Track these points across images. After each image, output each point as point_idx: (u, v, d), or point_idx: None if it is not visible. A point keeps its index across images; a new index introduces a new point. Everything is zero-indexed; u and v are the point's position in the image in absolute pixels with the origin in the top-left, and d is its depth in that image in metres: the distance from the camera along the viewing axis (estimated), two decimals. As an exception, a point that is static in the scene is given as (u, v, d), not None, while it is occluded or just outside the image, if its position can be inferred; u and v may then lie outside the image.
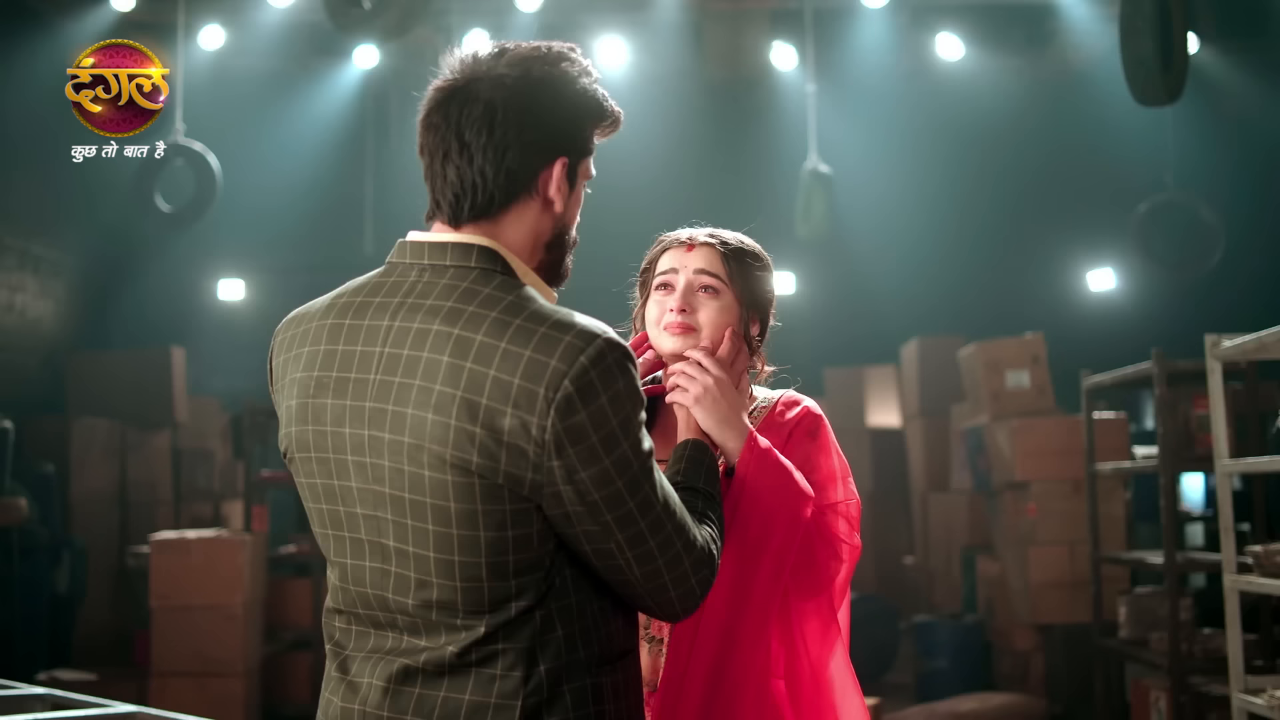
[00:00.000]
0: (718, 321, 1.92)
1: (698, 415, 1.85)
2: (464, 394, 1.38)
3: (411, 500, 1.41)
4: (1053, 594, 6.01)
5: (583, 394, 1.38)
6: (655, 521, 1.45)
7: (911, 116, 9.04)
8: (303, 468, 1.53)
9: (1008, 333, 6.79)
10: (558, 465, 1.38)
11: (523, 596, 1.43)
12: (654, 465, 1.46)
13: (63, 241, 8.29)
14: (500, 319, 1.42)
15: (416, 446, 1.40)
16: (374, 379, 1.44)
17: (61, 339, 8.19)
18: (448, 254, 1.49)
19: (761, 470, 1.83)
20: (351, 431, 1.45)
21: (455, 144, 1.49)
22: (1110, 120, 8.40)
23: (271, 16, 7.73)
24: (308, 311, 1.57)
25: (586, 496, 1.39)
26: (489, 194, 1.49)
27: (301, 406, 1.51)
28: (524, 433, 1.37)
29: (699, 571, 1.50)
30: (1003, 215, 9.24)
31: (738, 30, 8.74)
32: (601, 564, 1.46)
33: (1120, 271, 8.99)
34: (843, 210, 8.18)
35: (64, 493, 6.97)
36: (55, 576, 6.47)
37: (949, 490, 7.51)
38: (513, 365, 1.38)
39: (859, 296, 9.03)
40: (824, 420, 1.99)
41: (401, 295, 1.47)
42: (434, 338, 1.42)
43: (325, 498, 1.50)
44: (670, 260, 1.96)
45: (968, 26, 8.48)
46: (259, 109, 8.61)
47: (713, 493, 1.70)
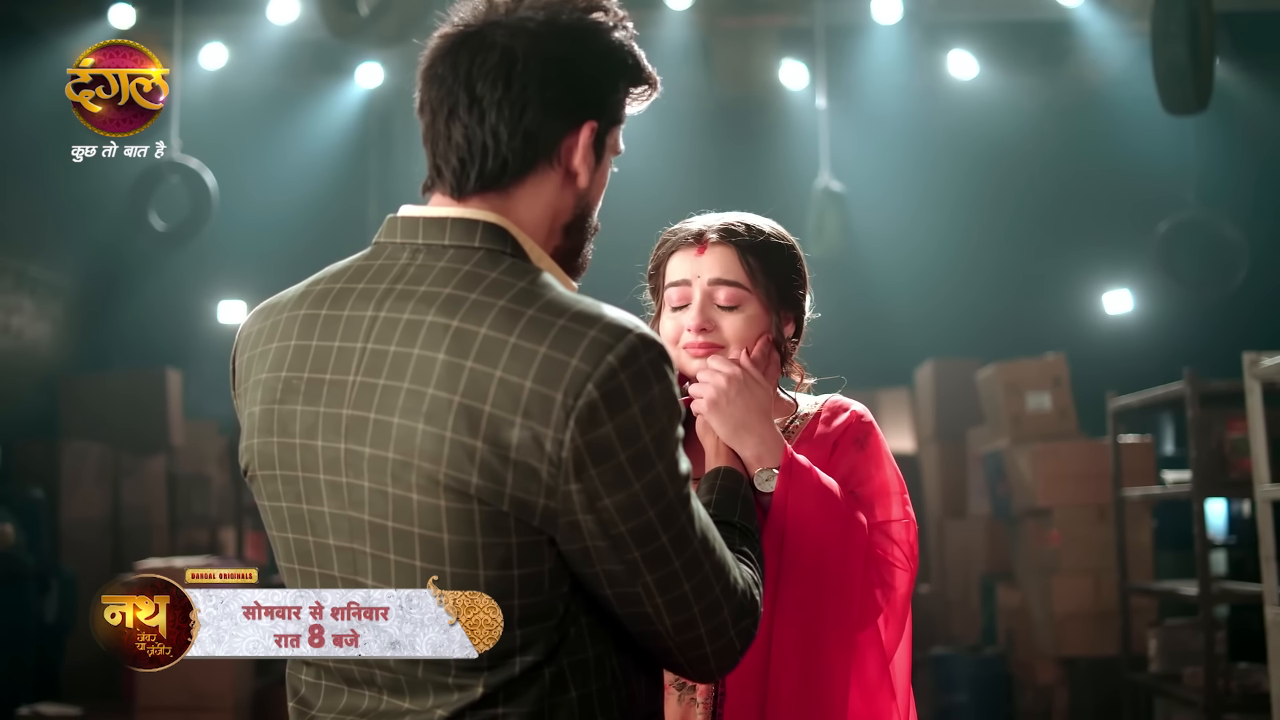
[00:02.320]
0: (746, 334, 1.65)
1: (713, 423, 1.59)
2: (463, 400, 1.12)
3: (395, 530, 1.15)
4: (1077, 625, 5.77)
5: (610, 401, 1.12)
6: (692, 561, 1.19)
7: (925, 135, 8.88)
8: (265, 488, 1.26)
9: (1024, 355, 6.59)
10: (576, 489, 1.12)
11: (529, 650, 1.16)
12: (692, 493, 1.20)
13: (60, 262, 8.13)
14: (509, 308, 1.16)
15: (403, 464, 1.14)
16: (353, 381, 1.19)
17: (58, 361, 8.01)
18: (446, 231, 1.23)
19: (803, 495, 1.56)
20: (325, 445, 1.19)
21: (464, 98, 1.23)
22: (1128, 138, 8.24)
23: (273, 34, 7.57)
24: (278, 301, 1.31)
25: (611, 529, 1.14)
26: (501, 159, 1.24)
27: (266, 414, 1.25)
28: (536, 448, 1.11)
29: (739, 621, 1.24)
30: (1019, 235, 9.06)
31: (747, 48, 8.60)
32: (625, 611, 1.19)
33: (1139, 292, 8.80)
34: (855, 229, 7.99)
35: (54, 519, 6.77)
36: (43, 606, 6.27)
37: (966, 517, 7.29)
38: (524, 365, 1.12)
39: (872, 317, 8.84)
40: (875, 427, 1.72)
41: (390, 281, 1.22)
42: (427, 331, 1.16)
43: (292, 525, 1.24)
44: (680, 267, 1.69)
45: (981, 44, 8.32)
46: (261, 127, 8.46)
47: (750, 528, 1.43)
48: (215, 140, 7.17)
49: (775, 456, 1.58)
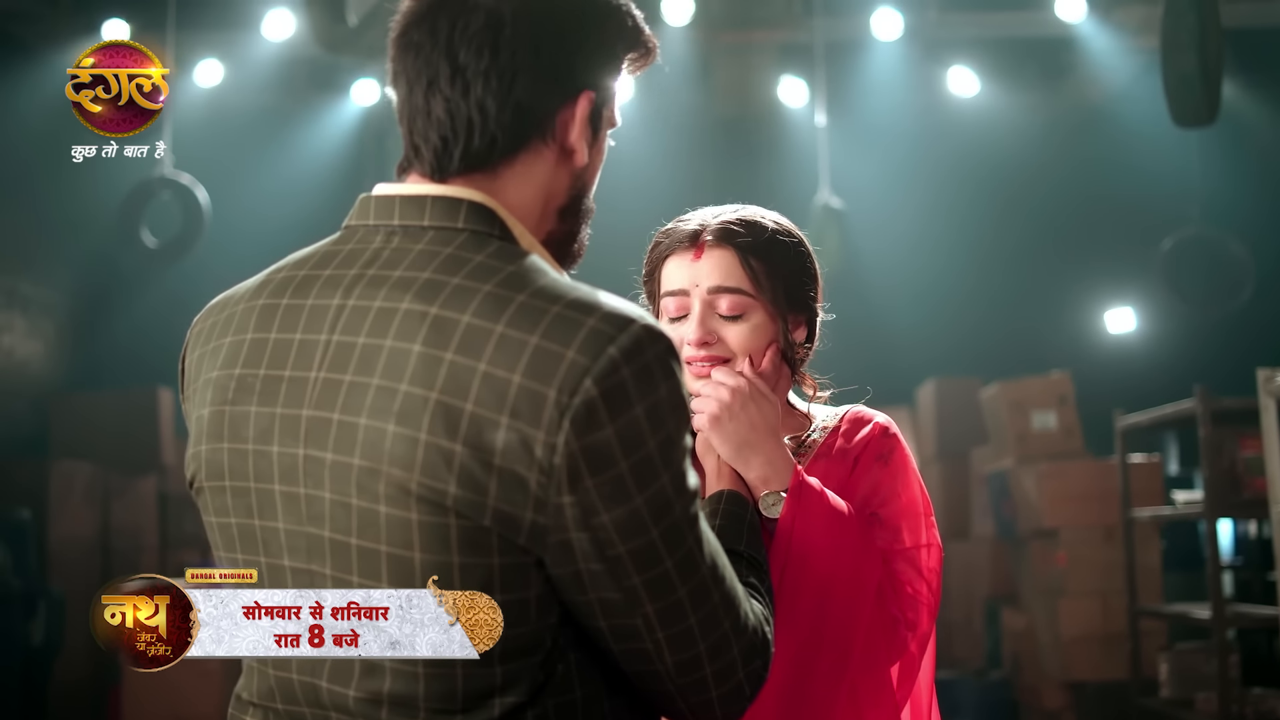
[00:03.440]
0: (751, 344, 1.49)
1: (715, 441, 1.43)
2: (440, 397, 0.98)
3: (360, 548, 1.01)
4: (1085, 649, 5.65)
5: (610, 400, 0.97)
6: (699, 590, 1.04)
7: (926, 152, 8.81)
8: (213, 502, 1.13)
9: (1027, 373, 6.50)
10: (570, 503, 0.98)
11: (510, 691, 1.02)
12: (700, 511, 1.06)
13: (53, 280, 8.04)
14: (496, 294, 1.01)
15: (370, 471, 0.99)
16: (315, 378, 1.04)
17: (50, 380, 7.91)
18: (426, 211, 1.09)
19: (810, 520, 1.40)
20: (281, 451, 1.05)
21: (445, 68, 1.10)
22: (1131, 155, 8.17)
23: (267, 50, 7.50)
24: (235, 293, 1.17)
25: (607, 550, 0.99)
26: (489, 136, 1.10)
27: (215, 417, 1.10)
28: (524, 453, 0.97)
29: (749, 662, 1.08)
30: (1020, 253, 8.99)
31: (747, 65, 8.56)
32: (620, 647, 1.04)
33: (1143, 310, 8.72)
34: (856, 247, 7.91)
35: (41, 539, 6.65)
36: (30, 628, 6.14)
37: (970, 538, 7.18)
38: (512, 357, 0.98)
39: (872, 336, 8.74)
40: (900, 441, 1.56)
41: (360, 266, 1.08)
42: (402, 319, 1.02)
43: (242, 545, 1.10)
44: (677, 274, 1.53)
45: (982, 61, 8.27)
46: (255, 144, 8.38)
47: (759, 559, 1.29)
48: (208, 156, 7.11)
49: (783, 478, 1.43)
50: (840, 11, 7.79)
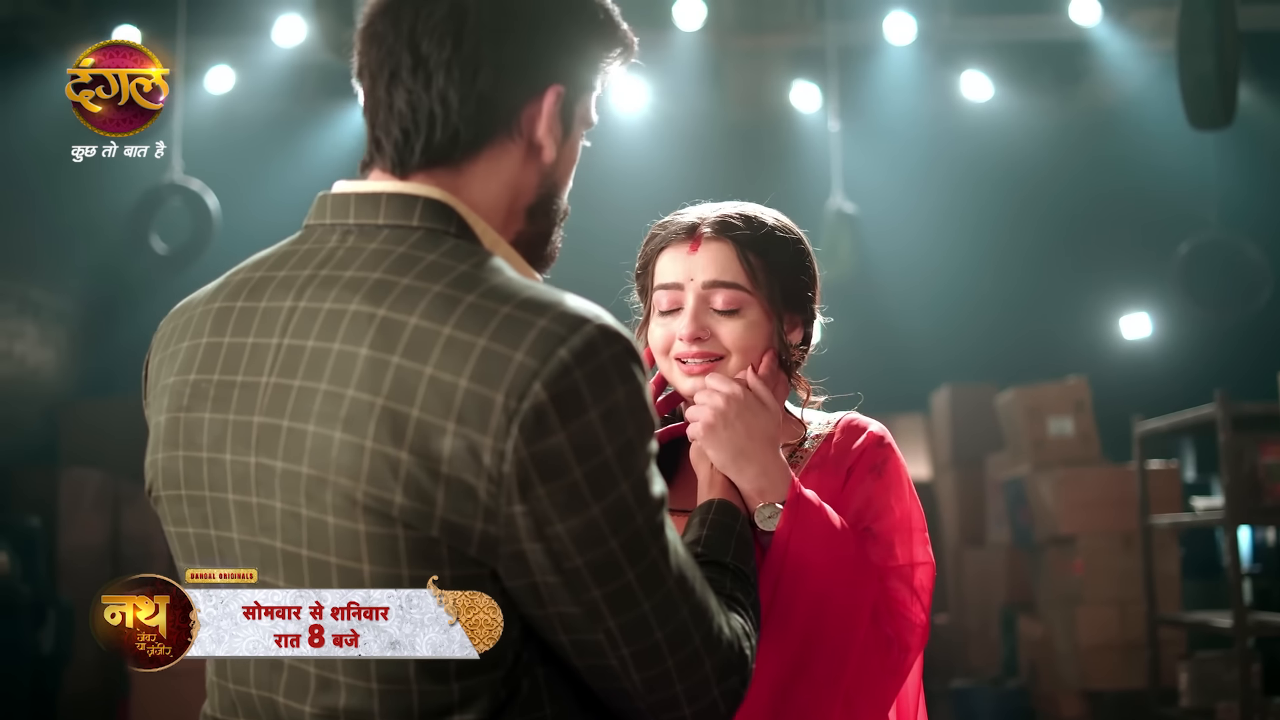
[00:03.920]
0: (746, 343, 1.43)
1: (708, 448, 1.37)
2: (386, 402, 0.95)
3: (310, 560, 0.98)
4: (1103, 657, 5.59)
5: (562, 404, 0.94)
6: (665, 603, 0.99)
7: (939, 156, 8.76)
8: (170, 511, 1.09)
9: (1042, 379, 6.44)
10: (521, 512, 0.94)
11: (470, 708, 0.98)
12: (666, 521, 1.01)
13: (63, 287, 8.03)
14: (445, 294, 0.98)
15: (317, 480, 0.97)
16: (266, 383, 1.02)
17: (61, 388, 7.90)
18: (381, 209, 1.06)
19: (807, 536, 1.33)
20: (234, 459, 1.02)
21: (407, 58, 1.06)
22: (1147, 159, 8.11)
23: (278, 56, 7.49)
24: (195, 296, 1.14)
25: (564, 562, 0.95)
26: (451, 130, 1.06)
27: (171, 424, 1.08)
28: (472, 461, 0.93)
29: (725, 679, 1.04)
30: (1035, 258, 8.93)
31: (759, 70, 8.52)
32: (584, 663, 1.00)
33: (1159, 315, 8.66)
34: (869, 252, 7.86)
35: (51, 547, 6.63)
36: (39, 637, 6.11)
37: (985, 545, 7.12)
38: (458, 360, 0.94)
39: (886, 342, 8.70)
40: (894, 451, 1.49)
41: (314, 266, 1.05)
42: (350, 322, 0.99)
43: (200, 555, 1.07)
44: (671, 267, 1.47)
45: (996, 65, 8.22)
46: (265, 150, 8.37)
47: (746, 571, 1.23)
48: (218, 162, 7.08)
49: (779, 490, 1.37)
50: (852, 15, 7.75)
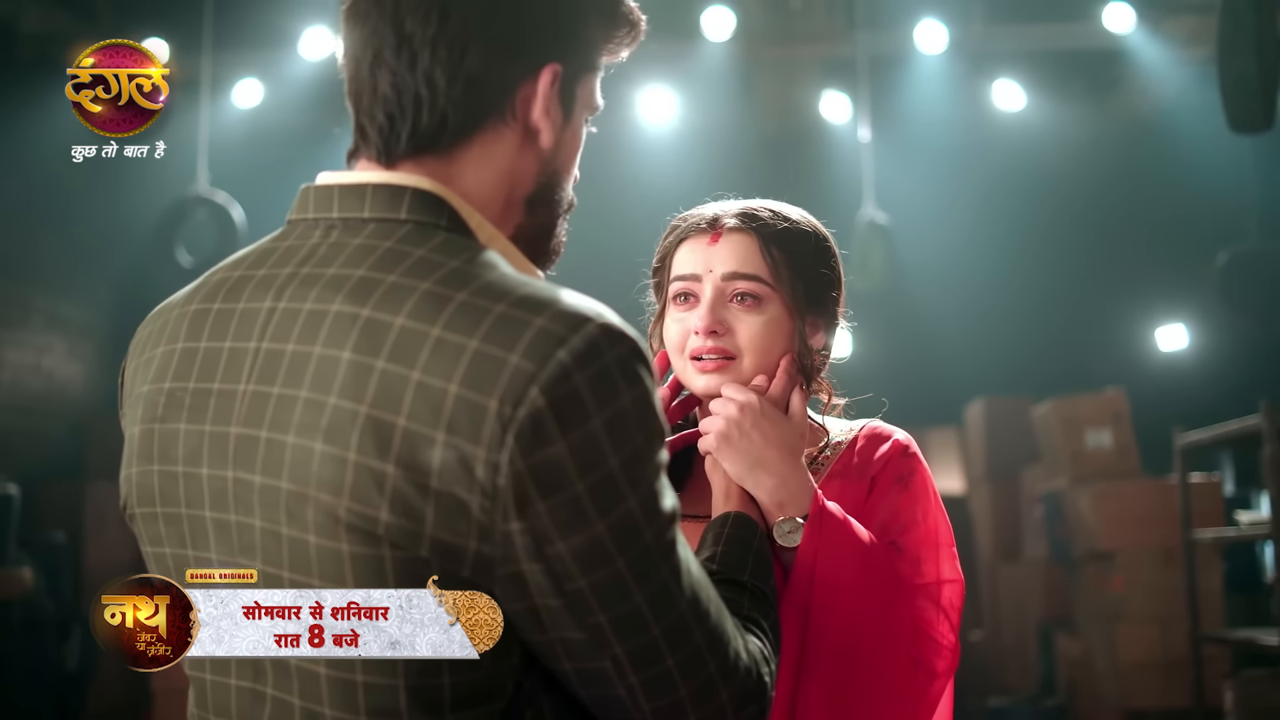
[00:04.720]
0: (764, 341, 1.34)
1: (723, 459, 1.28)
2: (370, 410, 0.86)
3: (292, 583, 0.92)
4: (1145, 676, 5.45)
5: (562, 411, 0.85)
6: (677, 628, 0.91)
7: (972, 166, 8.66)
8: (146, 530, 1.02)
9: (1077, 391, 6.32)
10: (519, 530, 0.85)
11: None
12: (678, 537, 0.93)
13: (92, 300, 8.03)
14: (435, 292, 0.89)
15: (298, 496, 0.89)
16: (244, 391, 0.94)
17: (89, 402, 7.89)
18: (366, 201, 0.97)
19: (836, 554, 1.24)
20: (210, 474, 0.95)
21: (391, 38, 0.97)
22: (1183, 168, 7.98)
23: (304, 69, 7.47)
24: (173, 299, 1.06)
25: (566, 583, 0.87)
26: (439, 112, 0.98)
27: (145, 436, 1.01)
28: (464, 474, 0.85)
29: (742, 708, 0.95)
30: (1070, 268, 8.81)
31: (789, 80, 8.45)
32: (590, 693, 0.91)
33: (1196, 325, 8.52)
34: (901, 263, 7.76)
35: (76, 563, 6.60)
36: (64, 653, 6.08)
37: (1021, 561, 6.99)
38: (448, 364, 0.86)
39: (919, 353, 8.60)
40: (921, 461, 1.40)
41: (295, 264, 0.96)
42: (332, 323, 0.90)
43: (178, 578, 1.00)
44: (690, 258, 1.38)
45: (1028, 74, 8.12)
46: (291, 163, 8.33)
47: (764, 590, 1.14)
48: (244, 175, 7.08)
49: (801, 504, 1.28)
50: (883, 25, 7.66)
